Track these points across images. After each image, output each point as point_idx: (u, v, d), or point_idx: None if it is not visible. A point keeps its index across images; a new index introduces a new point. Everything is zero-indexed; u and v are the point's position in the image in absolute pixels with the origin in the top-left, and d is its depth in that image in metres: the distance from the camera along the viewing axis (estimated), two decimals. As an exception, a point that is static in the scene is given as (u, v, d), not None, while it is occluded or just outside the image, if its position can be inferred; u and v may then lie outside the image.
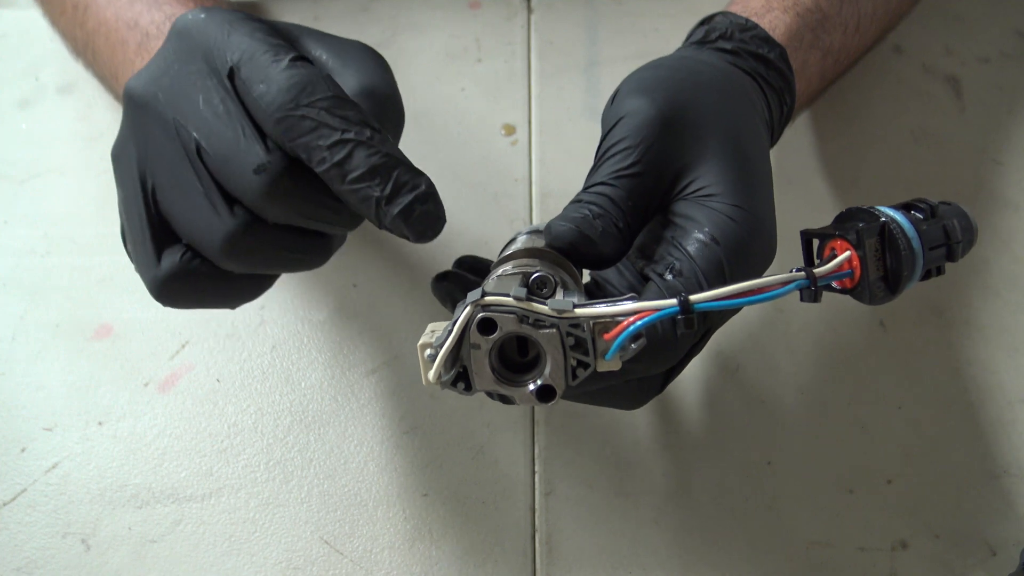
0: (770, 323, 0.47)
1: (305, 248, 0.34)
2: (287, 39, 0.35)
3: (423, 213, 0.30)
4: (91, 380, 0.46)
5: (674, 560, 0.41)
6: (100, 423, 0.45)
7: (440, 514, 0.42)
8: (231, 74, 0.31)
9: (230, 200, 0.31)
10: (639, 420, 0.44)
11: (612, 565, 0.41)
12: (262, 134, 0.31)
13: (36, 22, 0.57)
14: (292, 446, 0.44)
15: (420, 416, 0.45)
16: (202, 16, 0.33)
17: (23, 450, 0.44)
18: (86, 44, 0.47)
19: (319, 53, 0.35)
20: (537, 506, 0.43)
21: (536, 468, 0.44)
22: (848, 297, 0.33)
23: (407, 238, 0.30)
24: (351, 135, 0.29)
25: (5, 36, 0.58)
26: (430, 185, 0.30)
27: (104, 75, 0.48)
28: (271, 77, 0.30)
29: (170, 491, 0.43)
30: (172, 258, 0.32)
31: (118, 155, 0.34)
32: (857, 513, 0.42)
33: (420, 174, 0.30)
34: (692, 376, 0.45)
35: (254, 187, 0.30)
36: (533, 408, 0.45)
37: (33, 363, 0.46)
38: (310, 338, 0.47)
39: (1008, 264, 0.49)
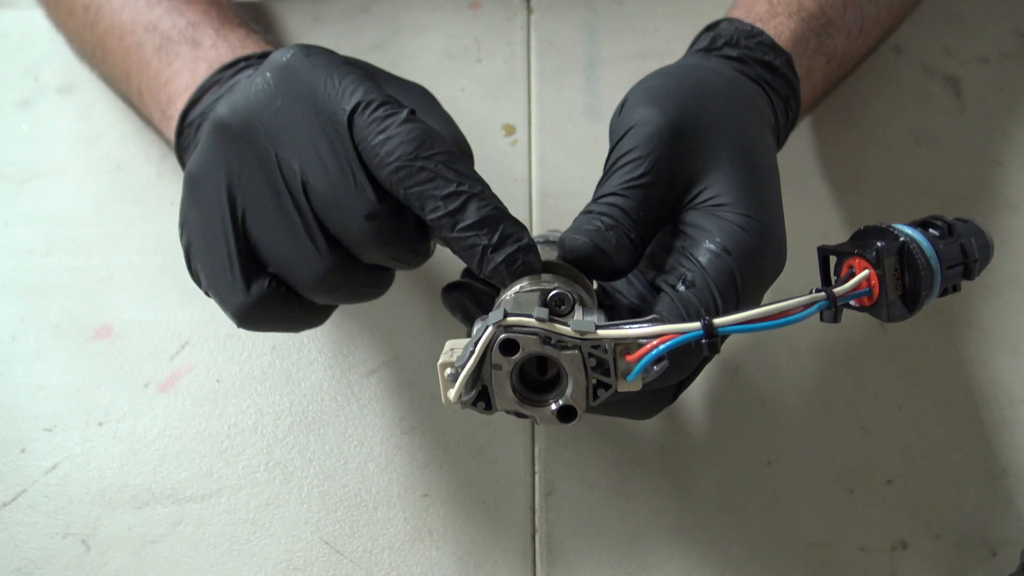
0: (770, 323, 0.47)
1: (378, 283, 0.36)
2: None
3: (525, 263, 0.32)
4: (91, 380, 0.46)
5: (674, 560, 0.41)
6: (100, 423, 0.45)
7: (440, 514, 0.42)
8: (349, 120, 0.32)
9: (329, 238, 0.33)
10: (639, 420, 0.44)
11: (612, 565, 0.41)
12: (372, 182, 0.32)
13: (36, 22, 0.57)
14: (292, 446, 0.44)
15: (420, 416, 0.45)
16: (305, 57, 0.34)
17: (23, 450, 0.44)
18: (95, 45, 0.47)
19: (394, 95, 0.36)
20: (537, 506, 0.43)
21: (536, 468, 0.44)
22: (848, 297, 0.33)
23: (502, 284, 0.32)
24: (465, 187, 0.31)
25: (5, 36, 0.58)
26: (531, 238, 0.32)
27: (114, 76, 0.48)
28: (390, 129, 0.32)
29: (170, 491, 0.43)
30: (260, 286, 0.34)
31: (201, 178, 0.34)
32: (857, 513, 0.42)
33: (523, 227, 0.32)
34: (692, 376, 0.45)
35: (363, 232, 0.32)
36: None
37: (33, 363, 0.46)
38: (310, 338, 0.47)
39: (1008, 264, 0.49)
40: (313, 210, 0.32)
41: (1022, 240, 0.50)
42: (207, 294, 0.36)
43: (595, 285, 0.36)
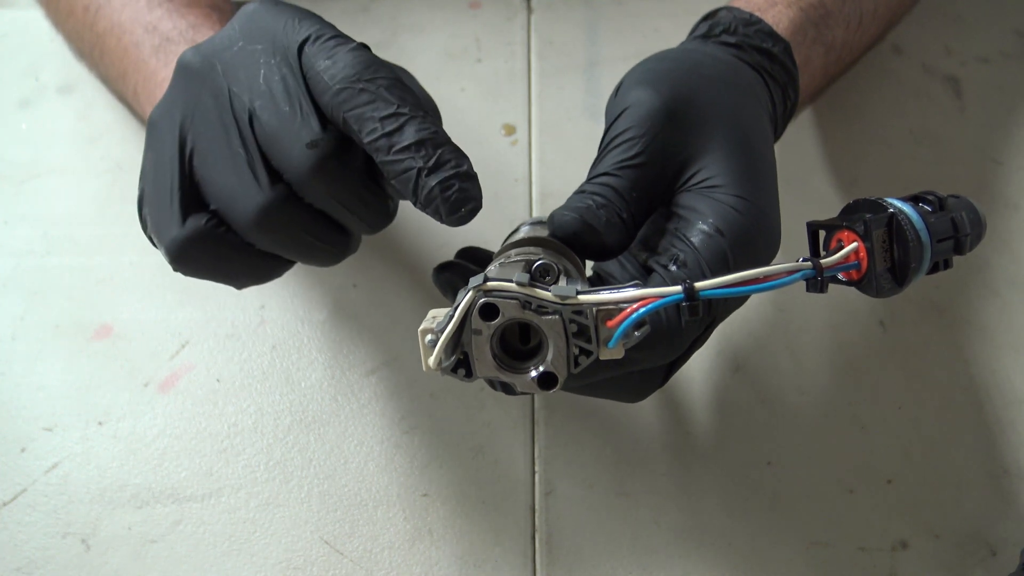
0: (770, 322, 0.47)
1: (329, 239, 0.35)
2: None
3: (461, 190, 0.30)
4: (91, 380, 0.46)
5: (674, 560, 0.41)
6: (100, 423, 0.45)
7: (440, 514, 0.42)
8: (299, 49, 0.32)
9: (272, 172, 0.32)
10: (639, 420, 0.44)
11: (612, 565, 0.41)
12: (319, 113, 0.32)
13: (36, 22, 0.57)
14: (292, 446, 0.44)
15: (420, 416, 0.45)
16: (272, 5, 0.34)
17: (23, 450, 0.44)
18: (94, 45, 0.47)
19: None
20: (537, 506, 0.43)
21: (536, 468, 0.44)
22: (849, 297, 0.32)
23: (440, 217, 0.31)
24: (405, 111, 0.31)
25: (5, 36, 0.58)
26: (472, 168, 0.31)
27: (111, 75, 0.48)
28: (337, 55, 0.31)
29: (170, 491, 0.43)
30: (197, 221, 0.33)
31: (158, 119, 0.34)
32: (857, 513, 0.42)
33: (464, 156, 0.31)
34: (692, 376, 0.45)
35: (303, 161, 0.31)
36: (533, 408, 0.45)
37: (33, 363, 0.46)
38: (310, 338, 0.47)
39: (1008, 264, 0.49)
40: (258, 143, 0.32)
41: (1022, 240, 0.50)
42: (151, 240, 0.35)
43: (589, 272, 0.36)
